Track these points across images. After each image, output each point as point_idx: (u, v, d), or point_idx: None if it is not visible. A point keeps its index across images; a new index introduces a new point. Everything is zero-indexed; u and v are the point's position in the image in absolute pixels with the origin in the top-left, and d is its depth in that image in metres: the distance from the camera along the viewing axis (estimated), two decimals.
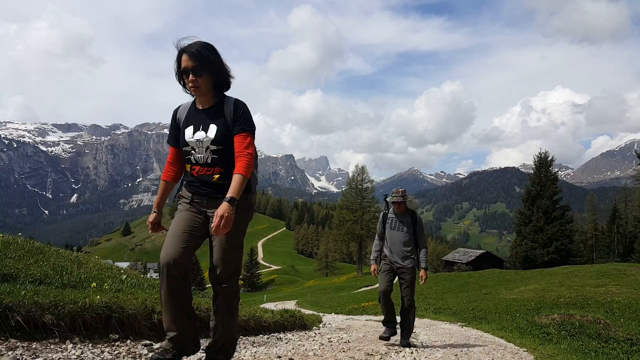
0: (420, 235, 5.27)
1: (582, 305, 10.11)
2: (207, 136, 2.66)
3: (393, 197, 5.29)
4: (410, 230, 5.21)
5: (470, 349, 4.87)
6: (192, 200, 2.77)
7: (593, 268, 25.11)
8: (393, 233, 5.24)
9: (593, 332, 5.83)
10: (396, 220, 5.28)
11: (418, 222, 5.29)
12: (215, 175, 2.69)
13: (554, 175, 46.08)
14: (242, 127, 2.68)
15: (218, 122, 2.68)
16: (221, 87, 2.75)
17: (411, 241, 5.21)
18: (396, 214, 5.31)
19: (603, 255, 51.68)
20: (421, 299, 19.51)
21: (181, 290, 2.63)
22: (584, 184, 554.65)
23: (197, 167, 2.71)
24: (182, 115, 2.82)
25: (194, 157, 2.71)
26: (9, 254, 4.74)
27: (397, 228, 5.23)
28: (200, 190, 2.74)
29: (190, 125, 2.74)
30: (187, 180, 2.82)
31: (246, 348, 4.12)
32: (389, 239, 5.27)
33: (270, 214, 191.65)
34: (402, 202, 5.24)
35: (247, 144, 2.65)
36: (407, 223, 5.23)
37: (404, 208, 5.29)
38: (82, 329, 3.25)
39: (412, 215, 5.33)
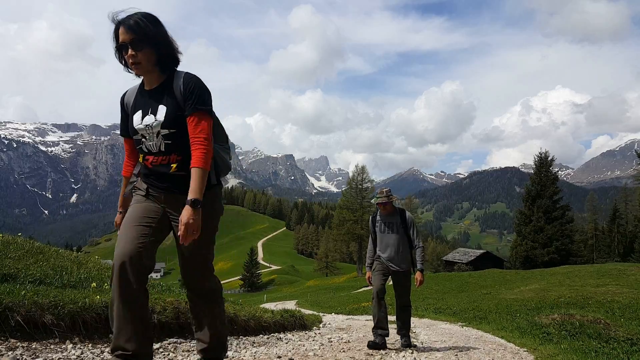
0: (412, 234, 4.98)
1: (582, 305, 10.11)
2: (156, 120, 2.28)
3: (377, 198, 5.00)
4: (401, 231, 4.94)
5: (471, 349, 4.86)
6: (147, 193, 2.39)
7: (593, 268, 25.10)
8: (384, 236, 4.98)
9: (593, 332, 5.83)
10: (385, 222, 5.01)
11: (408, 221, 4.99)
12: (172, 164, 2.31)
13: (554, 175, 46.08)
14: (194, 106, 2.26)
15: (167, 102, 2.30)
16: (168, 63, 2.34)
17: (404, 242, 4.94)
18: (383, 215, 5.05)
19: (603, 255, 51.68)
20: (421, 299, 19.51)
21: (139, 298, 2.20)
22: (584, 183, 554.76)
23: (151, 156, 2.33)
24: (129, 100, 2.45)
25: (145, 145, 2.34)
26: (9, 254, 4.74)
27: (387, 231, 4.97)
28: (157, 184, 2.37)
29: (138, 110, 2.37)
30: (142, 172, 2.45)
31: (246, 348, 4.11)
32: (381, 243, 5.00)
33: (270, 214, 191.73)
34: (388, 202, 4.95)
35: (202, 127, 2.24)
36: (397, 224, 4.96)
37: (390, 208, 5.01)
38: (82, 329, 3.25)
39: (400, 214, 5.03)
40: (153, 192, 2.38)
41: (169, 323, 3.95)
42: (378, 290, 4.84)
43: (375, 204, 5.06)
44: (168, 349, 3.53)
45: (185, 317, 4.14)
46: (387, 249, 4.94)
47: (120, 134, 2.52)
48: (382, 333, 4.71)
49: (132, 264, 2.16)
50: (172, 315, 4.00)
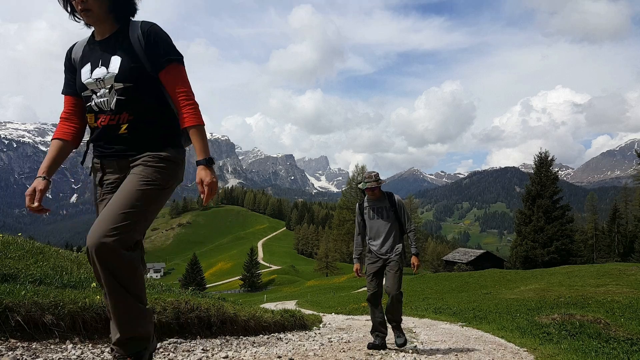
0: (403, 217, 4.78)
1: (582, 305, 10.11)
2: (108, 72, 2.02)
3: (366, 183, 4.72)
4: (392, 216, 4.72)
5: (471, 348, 4.86)
6: (103, 179, 2.14)
7: (593, 268, 25.12)
8: (373, 223, 4.75)
9: (593, 331, 5.83)
10: (374, 208, 4.78)
11: (398, 204, 4.77)
12: (122, 125, 2.03)
13: (554, 175, 46.12)
14: (167, 57, 2.03)
15: (122, 53, 2.02)
16: (123, 11, 2.08)
17: (395, 227, 4.73)
18: (372, 201, 4.82)
19: (603, 255, 51.72)
20: (421, 299, 19.52)
21: None
22: (584, 183, 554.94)
23: (102, 115, 2.04)
24: (77, 53, 2.16)
25: (95, 102, 2.05)
26: (9, 254, 4.74)
27: (377, 216, 4.75)
28: (106, 151, 2.09)
29: (87, 62, 2.08)
30: (92, 139, 2.14)
31: (246, 348, 4.11)
32: (371, 231, 4.77)
33: (270, 214, 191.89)
34: (377, 187, 4.71)
35: (182, 79, 2.06)
36: (387, 208, 4.74)
37: (379, 193, 4.77)
38: (82, 329, 3.25)
39: (389, 198, 4.80)
40: (107, 167, 2.12)
41: (169, 323, 3.96)
42: (372, 294, 4.64)
43: (364, 189, 4.78)
44: (168, 349, 3.53)
45: (185, 317, 4.14)
46: (377, 236, 4.73)
47: (62, 92, 2.22)
48: (380, 334, 4.63)
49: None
50: (172, 315, 4.00)
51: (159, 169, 2.03)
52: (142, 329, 2.02)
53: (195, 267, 67.09)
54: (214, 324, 4.56)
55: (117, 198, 1.95)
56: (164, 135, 2.11)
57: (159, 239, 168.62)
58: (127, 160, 2.07)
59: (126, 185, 2.00)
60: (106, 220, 1.90)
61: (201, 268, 70.16)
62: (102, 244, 1.85)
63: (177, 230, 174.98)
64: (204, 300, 4.97)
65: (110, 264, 1.88)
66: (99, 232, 1.86)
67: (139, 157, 2.04)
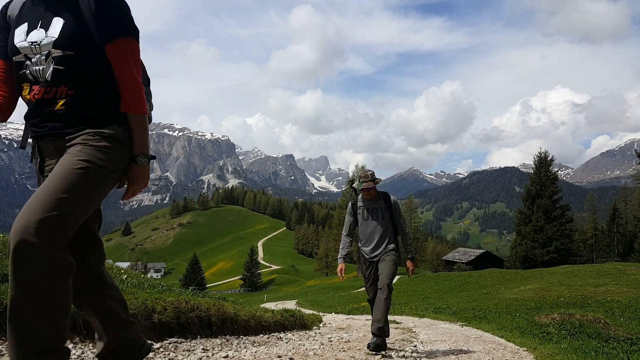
0: (398, 219, 4.60)
1: (582, 305, 10.12)
2: (47, 35, 1.67)
3: (361, 183, 4.50)
4: (387, 217, 4.53)
5: (471, 348, 4.87)
6: (43, 165, 1.81)
7: (593, 267, 25.15)
8: (367, 224, 4.53)
9: (593, 331, 5.83)
10: (368, 209, 4.56)
11: (394, 206, 4.57)
12: (59, 100, 1.69)
13: (554, 175, 46.15)
14: (120, 29, 1.72)
15: (67, 14, 1.69)
16: None
17: (390, 230, 4.54)
18: (367, 201, 4.59)
19: (603, 255, 51.75)
20: (421, 299, 19.54)
21: None
22: (584, 183, 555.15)
23: (36, 87, 1.70)
24: (14, 10, 1.80)
25: (30, 70, 1.70)
26: None
27: (371, 217, 4.52)
28: (40, 131, 1.74)
29: (24, 22, 1.74)
30: (26, 119, 1.79)
31: (246, 347, 4.12)
32: (364, 232, 4.56)
33: (270, 214, 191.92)
34: (373, 186, 4.49)
35: (133, 58, 1.76)
36: (382, 209, 4.53)
37: (374, 193, 4.57)
38: (83, 329, 3.25)
39: (385, 199, 4.60)
40: (44, 148, 1.79)
41: (169, 323, 3.96)
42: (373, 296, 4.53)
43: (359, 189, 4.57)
44: (168, 348, 3.54)
45: (186, 316, 4.15)
46: (371, 238, 4.51)
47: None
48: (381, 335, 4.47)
49: None
50: (172, 315, 4.01)
51: (101, 149, 1.68)
52: None
53: (195, 266, 67.16)
54: (215, 323, 4.56)
55: (47, 183, 1.57)
56: (108, 110, 1.76)
57: (160, 239, 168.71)
58: (64, 140, 1.72)
59: (59, 167, 1.62)
60: (32, 210, 1.49)
61: (201, 268, 70.23)
62: (23, 241, 1.44)
63: (177, 230, 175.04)
64: (204, 300, 4.97)
65: (27, 269, 1.46)
66: (22, 225, 1.46)
67: (77, 136, 1.70)
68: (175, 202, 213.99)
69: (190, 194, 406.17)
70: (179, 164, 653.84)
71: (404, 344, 5.16)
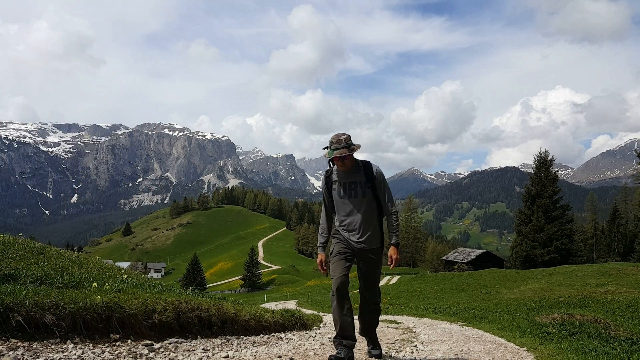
0: (383, 196, 3.71)
1: (582, 305, 10.11)
2: None
3: (333, 150, 3.55)
4: (368, 193, 3.65)
5: (471, 348, 4.87)
6: None
7: (593, 267, 25.14)
8: (345, 203, 3.68)
9: (593, 331, 5.83)
10: (345, 184, 3.67)
11: (377, 178, 3.68)
12: None
13: (554, 175, 46.13)
14: None
15: None
16: None
17: (372, 208, 3.69)
18: (342, 173, 3.69)
19: (603, 255, 51.73)
20: (421, 299, 19.52)
21: None
22: (584, 183, 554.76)
23: None
24: None
25: None
26: (10, 254, 4.75)
27: (349, 194, 3.66)
28: None
29: None
30: None
31: (247, 348, 4.12)
32: (340, 211, 3.72)
33: (271, 214, 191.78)
34: (349, 155, 3.55)
35: None
36: (361, 183, 3.65)
37: (351, 163, 3.65)
38: (83, 329, 3.25)
39: (365, 169, 3.68)
40: None
41: (169, 323, 3.96)
42: (340, 284, 3.63)
43: (330, 159, 3.64)
44: (169, 348, 3.54)
45: (186, 317, 4.15)
46: (349, 220, 3.69)
47: None
48: (347, 343, 3.62)
49: None
50: (172, 315, 4.01)
51: None
52: None
53: (195, 267, 67.15)
54: (215, 323, 4.56)
55: None
56: None
57: (160, 239, 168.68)
58: None
59: None
60: None
61: (202, 268, 70.21)
62: None
63: (177, 230, 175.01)
64: (204, 300, 4.97)
65: None
66: None
67: None
68: (175, 202, 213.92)
69: (190, 194, 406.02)
70: (179, 164, 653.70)
71: (404, 344, 5.15)
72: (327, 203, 3.88)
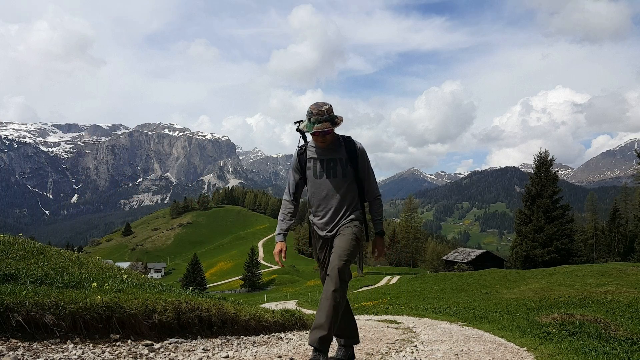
0: (366, 177, 3.25)
1: (582, 305, 10.11)
2: None
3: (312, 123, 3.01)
4: (349, 174, 3.16)
5: (471, 348, 4.87)
6: None
7: (593, 267, 25.15)
8: (321, 185, 3.17)
9: (593, 331, 5.83)
10: (322, 161, 3.17)
11: (360, 156, 3.20)
12: None
13: (554, 175, 46.16)
14: None
15: None
16: None
17: (353, 191, 3.21)
18: (320, 150, 3.18)
19: (603, 255, 51.77)
20: (421, 299, 19.52)
21: None
22: (584, 183, 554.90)
23: None
24: None
25: None
26: (10, 255, 4.75)
27: (327, 173, 3.15)
28: None
29: None
30: None
31: (247, 348, 4.12)
32: (316, 196, 3.21)
33: (271, 214, 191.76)
34: (331, 129, 3.02)
35: None
36: (342, 162, 3.15)
37: (332, 138, 3.15)
38: (83, 329, 3.25)
39: (347, 146, 3.19)
40: None
41: (169, 323, 3.96)
42: None
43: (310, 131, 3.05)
44: (169, 348, 3.54)
45: (186, 317, 4.15)
46: (326, 207, 3.17)
47: None
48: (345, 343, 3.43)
49: None
50: (172, 315, 4.01)
51: None
52: None
53: (195, 267, 67.19)
54: (215, 323, 4.56)
55: None
56: None
57: (160, 239, 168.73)
58: None
59: None
60: None
61: (202, 268, 70.26)
62: None
63: (177, 230, 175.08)
64: (204, 300, 4.97)
65: None
66: None
67: None
68: (175, 202, 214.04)
69: (190, 194, 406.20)
70: (179, 164, 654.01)
71: (404, 344, 5.15)
72: (296, 183, 3.30)
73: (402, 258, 79.57)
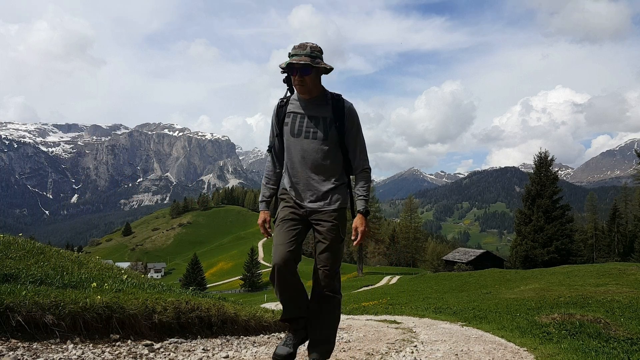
0: (353, 143, 2.72)
1: (582, 305, 10.11)
2: None
3: (292, 54, 2.54)
4: (332, 136, 2.65)
5: (471, 348, 4.87)
6: None
7: (593, 267, 25.15)
8: (297, 145, 2.67)
9: (593, 331, 5.83)
10: (304, 117, 2.66)
11: (349, 117, 2.67)
12: None
13: (554, 175, 46.17)
14: None
15: None
16: None
17: (337, 158, 2.71)
18: (304, 103, 2.67)
19: (603, 255, 51.79)
20: (421, 299, 19.50)
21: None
22: (584, 183, 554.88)
23: None
24: None
25: None
26: (10, 255, 4.75)
27: (305, 132, 2.65)
28: None
29: None
30: None
31: (247, 348, 4.12)
32: (291, 157, 2.71)
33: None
34: (311, 70, 2.53)
35: None
36: (325, 120, 2.64)
37: (315, 88, 2.63)
38: (83, 329, 3.25)
39: (334, 103, 2.66)
40: None
41: (169, 323, 3.96)
42: (282, 260, 2.65)
43: (283, 67, 2.57)
44: (169, 348, 3.54)
45: (186, 317, 4.15)
46: (301, 169, 2.69)
47: None
48: (298, 329, 2.87)
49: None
50: (172, 315, 4.01)
51: None
52: None
53: (195, 267, 67.16)
54: (215, 323, 4.56)
55: None
56: None
57: (160, 239, 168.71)
58: None
59: None
60: None
61: (202, 268, 70.22)
62: None
63: (177, 230, 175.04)
64: (204, 300, 4.97)
65: None
66: None
67: None
68: (175, 202, 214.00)
69: (190, 194, 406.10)
70: (179, 164, 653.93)
71: (404, 344, 5.15)
72: (276, 144, 2.79)
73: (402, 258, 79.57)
